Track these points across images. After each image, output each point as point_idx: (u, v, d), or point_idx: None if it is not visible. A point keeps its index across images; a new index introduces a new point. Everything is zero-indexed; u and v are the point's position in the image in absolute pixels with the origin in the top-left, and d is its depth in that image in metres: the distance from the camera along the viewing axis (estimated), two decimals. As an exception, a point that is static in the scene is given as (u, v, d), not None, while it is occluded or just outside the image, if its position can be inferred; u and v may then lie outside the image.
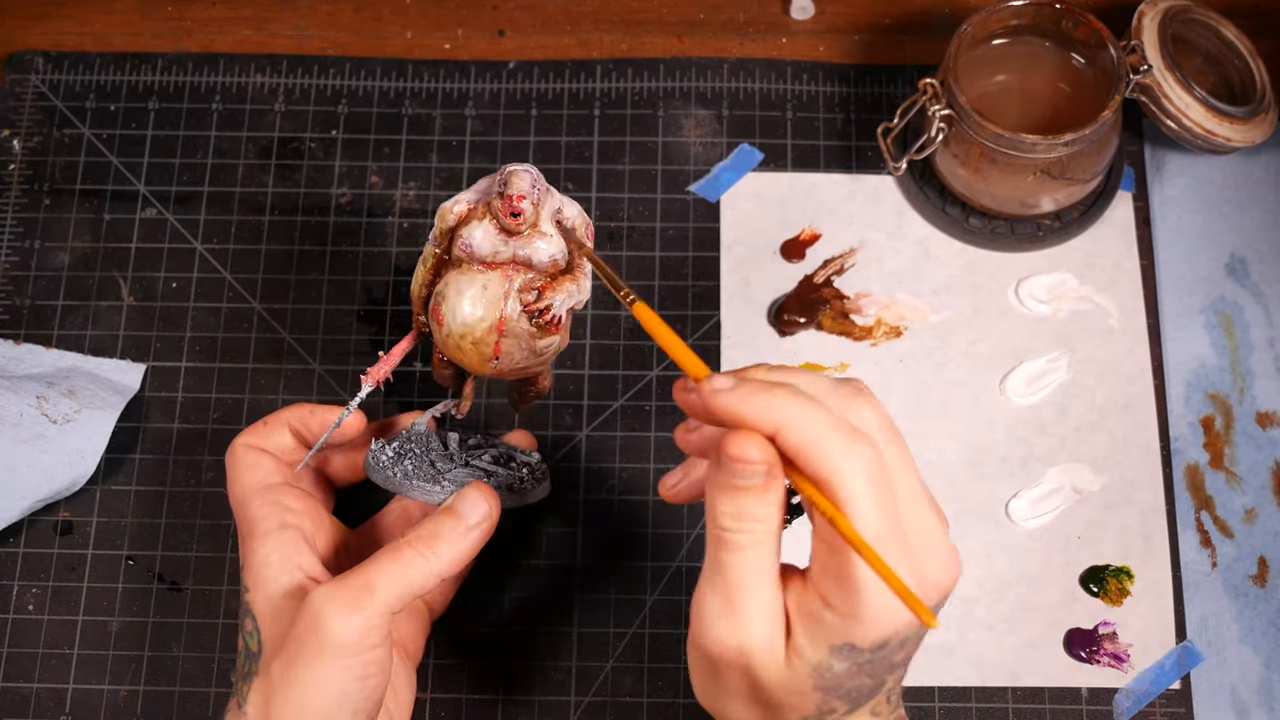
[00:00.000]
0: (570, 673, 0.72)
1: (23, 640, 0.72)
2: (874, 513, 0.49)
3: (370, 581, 0.59)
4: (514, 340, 0.62)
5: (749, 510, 0.51)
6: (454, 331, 0.62)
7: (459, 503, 0.63)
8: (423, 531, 0.62)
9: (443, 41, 0.86)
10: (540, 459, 0.70)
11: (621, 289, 0.57)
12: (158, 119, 0.83)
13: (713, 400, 0.51)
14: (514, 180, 0.60)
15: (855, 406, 0.51)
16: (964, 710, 0.71)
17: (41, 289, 0.79)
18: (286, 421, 0.66)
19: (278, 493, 0.65)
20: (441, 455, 0.67)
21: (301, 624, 0.59)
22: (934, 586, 0.51)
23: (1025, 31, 0.78)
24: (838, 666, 0.51)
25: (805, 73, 0.84)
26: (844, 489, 0.49)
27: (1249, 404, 0.76)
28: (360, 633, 0.59)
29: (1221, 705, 0.71)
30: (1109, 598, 0.73)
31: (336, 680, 0.59)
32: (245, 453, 0.66)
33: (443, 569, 0.61)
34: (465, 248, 0.61)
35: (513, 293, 0.61)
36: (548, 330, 0.62)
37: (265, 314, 0.79)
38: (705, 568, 0.53)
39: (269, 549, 0.63)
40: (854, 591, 0.50)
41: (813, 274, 0.79)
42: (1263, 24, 0.84)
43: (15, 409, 0.71)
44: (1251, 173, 0.81)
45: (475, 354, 0.62)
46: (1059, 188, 0.77)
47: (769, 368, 0.53)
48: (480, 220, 0.61)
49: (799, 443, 0.49)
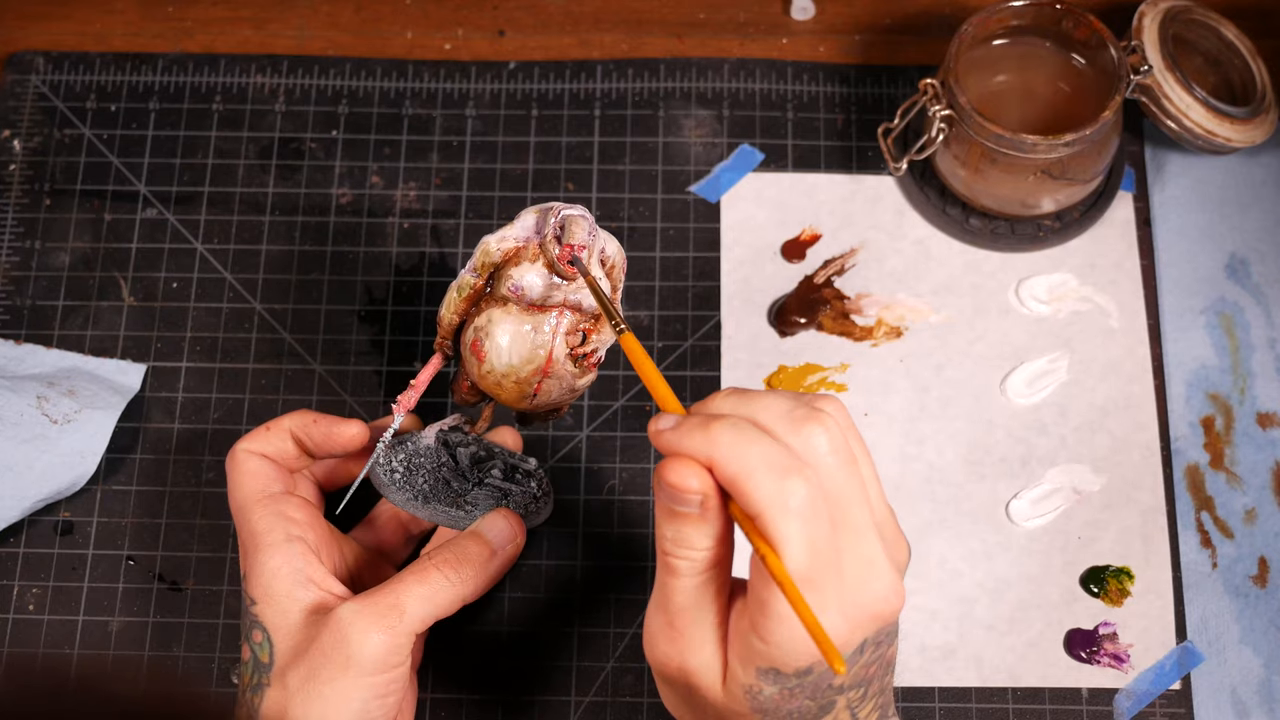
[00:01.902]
0: (570, 673, 0.72)
1: (23, 640, 0.72)
2: (801, 550, 0.49)
3: (399, 602, 0.61)
4: (556, 381, 0.62)
5: (687, 537, 0.51)
6: (497, 370, 0.62)
7: (487, 530, 0.64)
8: (450, 556, 0.63)
9: (443, 42, 0.86)
10: (538, 465, 0.70)
11: (615, 319, 0.57)
12: (158, 119, 0.83)
13: (656, 439, 0.51)
14: (574, 229, 0.60)
15: (806, 431, 0.50)
16: (964, 710, 0.71)
17: (42, 289, 0.79)
18: (288, 428, 0.66)
19: (280, 502, 0.65)
20: (454, 472, 0.67)
21: (327, 639, 0.60)
22: (871, 617, 0.51)
23: (1025, 32, 0.78)
24: (767, 690, 0.51)
25: (806, 73, 0.84)
26: (772, 525, 0.49)
27: (1249, 404, 0.76)
28: (386, 651, 0.60)
29: (1221, 705, 0.71)
30: (1109, 598, 0.73)
31: (358, 696, 0.60)
32: (246, 459, 0.66)
33: (468, 594, 0.63)
34: (516, 290, 0.61)
35: (560, 335, 0.61)
36: (588, 369, 0.63)
37: (266, 314, 0.79)
38: (654, 588, 0.53)
39: (278, 562, 0.63)
40: (775, 622, 0.50)
41: (813, 274, 0.79)
42: (1263, 24, 0.84)
43: (16, 409, 0.72)
44: (1252, 173, 0.81)
45: (515, 392, 0.62)
46: (1059, 188, 0.77)
47: (735, 393, 0.52)
48: (531, 262, 0.61)
49: (731, 476, 0.49)
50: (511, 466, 0.69)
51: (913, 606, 0.73)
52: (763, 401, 0.51)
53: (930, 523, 0.74)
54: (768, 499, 0.49)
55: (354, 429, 0.66)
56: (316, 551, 0.64)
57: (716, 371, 0.77)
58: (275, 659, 0.62)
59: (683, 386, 0.77)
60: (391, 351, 0.78)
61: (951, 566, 0.73)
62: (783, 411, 0.51)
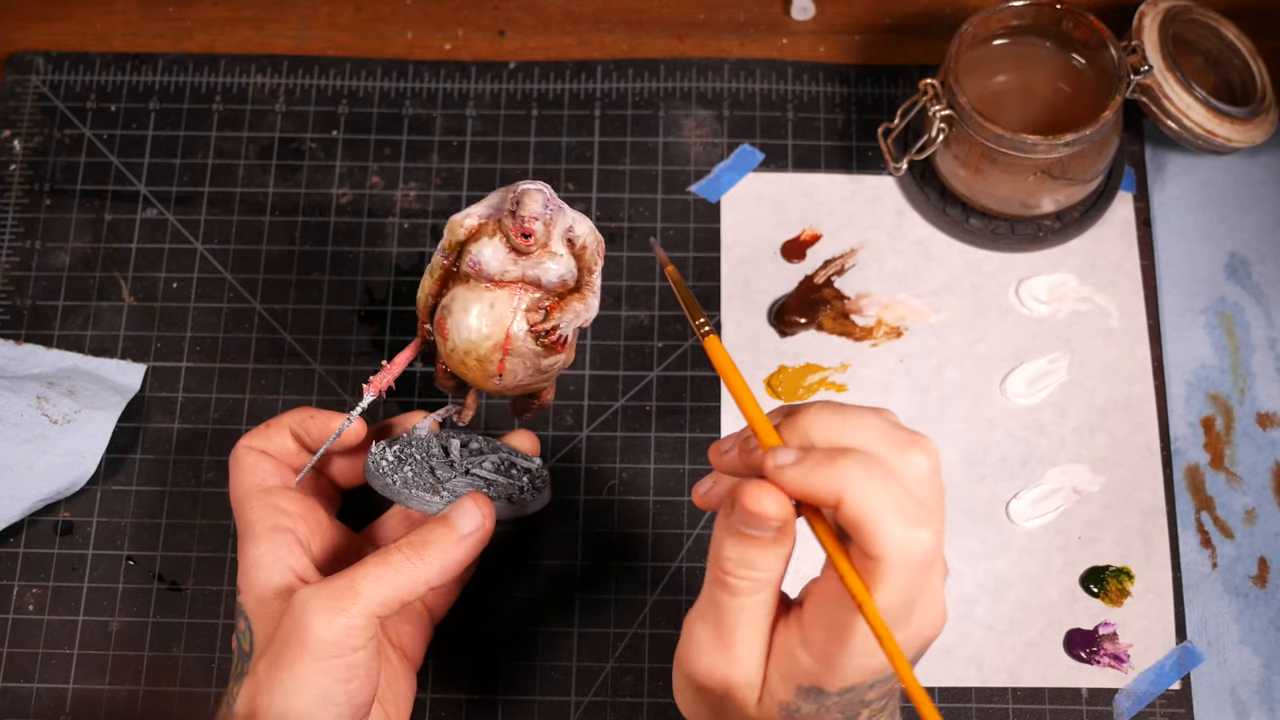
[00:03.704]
0: (570, 673, 0.72)
1: (23, 640, 0.72)
2: (898, 594, 0.48)
3: (355, 584, 0.60)
4: (519, 359, 0.62)
5: (754, 560, 0.50)
6: (459, 347, 0.62)
7: (453, 512, 0.63)
8: (414, 538, 0.62)
9: (443, 42, 0.86)
10: (541, 464, 0.70)
11: (699, 318, 0.57)
12: (158, 119, 0.83)
13: (777, 476, 0.49)
14: (526, 201, 0.59)
15: (910, 454, 0.50)
16: (964, 710, 0.71)
17: (42, 289, 0.79)
18: (287, 425, 0.67)
19: (274, 495, 0.65)
20: (442, 462, 0.67)
21: (286, 624, 0.59)
22: (924, 641, 0.51)
23: (1026, 32, 0.78)
24: (805, 708, 0.51)
25: (806, 73, 0.84)
26: (886, 570, 0.48)
27: (1249, 404, 0.76)
28: (342, 634, 0.59)
29: (1221, 706, 0.71)
30: (1109, 598, 0.73)
31: (319, 682, 0.59)
32: (246, 454, 0.66)
33: (431, 576, 0.61)
34: (474, 265, 0.61)
35: (519, 312, 0.61)
36: (554, 349, 0.62)
37: (266, 314, 0.79)
38: (701, 598, 0.52)
39: (261, 550, 0.63)
40: (842, 647, 0.49)
41: (813, 274, 0.79)
42: (1263, 24, 0.84)
43: (16, 409, 0.72)
44: (1252, 173, 0.81)
45: (479, 370, 0.62)
46: (1059, 188, 0.77)
47: (829, 408, 0.51)
48: (490, 237, 0.61)
49: (857, 518, 0.48)
50: (509, 463, 0.68)
51: (913, 606, 0.73)
52: (864, 421, 0.50)
53: (930, 523, 0.74)
54: (893, 546, 0.47)
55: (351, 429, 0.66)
56: (306, 543, 0.64)
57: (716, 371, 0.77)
58: (254, 648, 0.61)
59: (682, 386, 0.77)
60: (391, 352, 0.78)
61: (951, 566, 0.73)
62: (884, 433, 0.50)
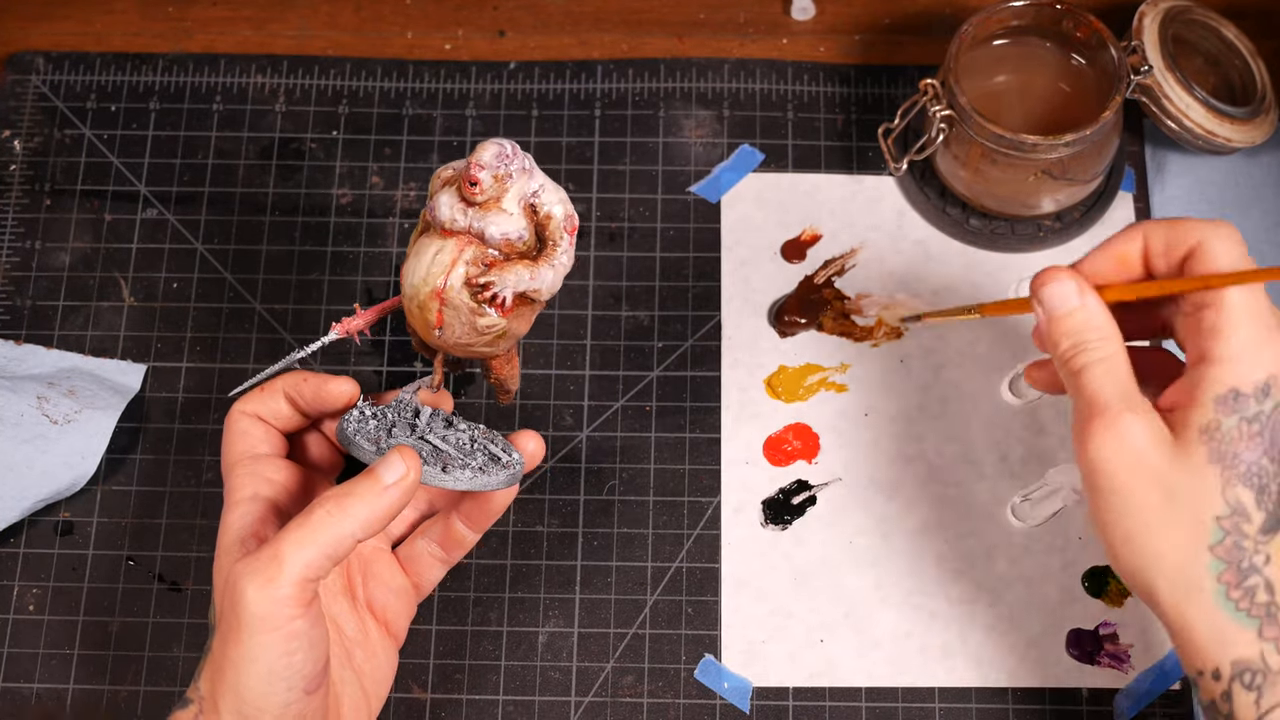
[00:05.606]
0: (570, 673, 0.72)
1: (23, 640, 0.72)
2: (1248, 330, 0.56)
3: (279, 552, 0.57)
4: (454, 312, 0.61)
5: (1078, 329, 0.58)
6: (405, 293, 0.62)
7: (378, 465, 0.60)
8: (336, 491, 0.59)
9: (443, 42, 0.86)
10: (519, 458, 0.66)
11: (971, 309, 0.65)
12: (158, 119, 0.83)
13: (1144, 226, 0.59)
14: (480, 150, 0.60)
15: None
16: (964, 711, 0.71)
17: (42, 289, 0.79)
18: (281, 389, 0.65)
19: (260, 463, 0.64)
20: (405, 424, 0.66)
21: (227, 599, 0.57)
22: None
23: (1025, 32, 0.78)
24: (1227, 422, 0.55)
25: (806, 73, 0.84)
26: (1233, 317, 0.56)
27: (1250, 404, 0.76)
28: (273, 605, 0.56)
29: (1222, 706, 0.71)
30: (1109, 598, 0.73)
31: (260, 657, 0.56)
32: (239, 419, 0.65)
33: (355, 529, 0.58)
34: (431, 211, 0.62)
35: (460, 263, 0.61)
36: (489, 308, 0.61)
37: (266, 314, 0.79)
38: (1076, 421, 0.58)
39: (231, 519, 0.61)
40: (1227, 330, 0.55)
41: (813, 274, 0.79)
42: (1263, 25, 0.84)
43: (16, 409, 0.72)
44: (1252, 173, 0.81)
45: (421, 319, 0.62)
46: (1059, 188, 0.77)
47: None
48: (451, 186, 0.62)
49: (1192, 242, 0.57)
50: (482, 446, 0.66)
51: (912, 606, 0.73)
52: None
53: (930, 523, 0.74)
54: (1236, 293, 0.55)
55: (344, 385, 0.65)
56: (286, 513, 0.62)
57: (716, 371, 0.77)
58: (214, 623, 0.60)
59: (682, 387, 0.77)
60: (391, 352, 0.78)
61: (951, 566, 0.73)
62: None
